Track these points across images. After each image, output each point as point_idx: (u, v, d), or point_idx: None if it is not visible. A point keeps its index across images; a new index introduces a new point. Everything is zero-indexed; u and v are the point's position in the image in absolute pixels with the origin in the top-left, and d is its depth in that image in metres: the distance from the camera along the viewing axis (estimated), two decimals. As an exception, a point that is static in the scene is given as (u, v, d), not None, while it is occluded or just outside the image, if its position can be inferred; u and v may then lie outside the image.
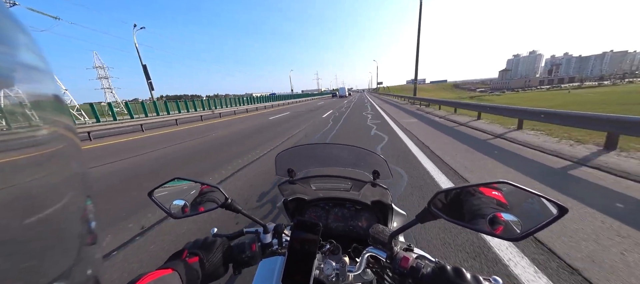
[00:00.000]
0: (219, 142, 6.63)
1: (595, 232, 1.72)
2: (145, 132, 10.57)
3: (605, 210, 1.99)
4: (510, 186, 0.39)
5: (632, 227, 1.74)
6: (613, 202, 2.14)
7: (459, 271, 0.41)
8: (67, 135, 0.35)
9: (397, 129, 6.82)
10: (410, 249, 0.54)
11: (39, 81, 0.31)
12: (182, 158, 5.11)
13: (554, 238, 1.67)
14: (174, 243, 2.00)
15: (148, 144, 7.18)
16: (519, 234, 0.36)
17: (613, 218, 1.87)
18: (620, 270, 1.37)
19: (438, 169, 3.31)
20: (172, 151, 5.90)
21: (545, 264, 1.47)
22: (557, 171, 3.02)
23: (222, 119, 15.52)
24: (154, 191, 0.57)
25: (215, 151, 5.48)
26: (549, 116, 4.69)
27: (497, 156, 3.75)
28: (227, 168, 4.00)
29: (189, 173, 4.00)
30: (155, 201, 0.56)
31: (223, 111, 19.64)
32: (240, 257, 0.57)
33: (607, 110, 6.90)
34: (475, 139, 5.03)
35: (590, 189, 2.45)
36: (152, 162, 4.96)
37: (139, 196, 3.08)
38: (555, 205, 0.35)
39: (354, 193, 0.87)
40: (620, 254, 1.49)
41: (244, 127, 9.94)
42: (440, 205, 0.44)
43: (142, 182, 3.74)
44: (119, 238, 2.12)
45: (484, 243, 1.68)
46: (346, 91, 59.83)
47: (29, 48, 0.29)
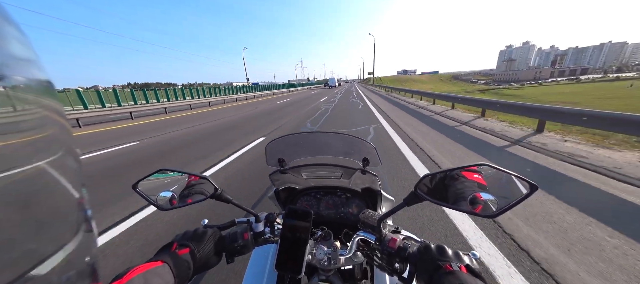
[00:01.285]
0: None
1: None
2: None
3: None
4: (489, 168, 0.43)
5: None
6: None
7: (442, 248, 0.45)
8: (57, 119, 0.34)
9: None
10: (397, 231, 0.57)
11: (25, 66, 0.30)
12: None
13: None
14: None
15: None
16: (495, 212, 0.40)
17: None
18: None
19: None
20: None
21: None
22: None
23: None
24: (139, 183, 0.55)
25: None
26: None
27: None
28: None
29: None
30: (140, 193, 0.54)
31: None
32: (232, 246, 0.56)
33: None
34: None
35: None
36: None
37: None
38: (526, 183, 0.38)
39: (344, 181, 0.90)
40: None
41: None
42: (425, 189, 0.46)
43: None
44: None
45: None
46: (336, 81, 61.35)
47: (16, 38, 0.29)
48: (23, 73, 0.29)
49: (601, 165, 3.09)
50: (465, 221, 2.00)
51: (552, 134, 4.71)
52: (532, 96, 21.99)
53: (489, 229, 1.90)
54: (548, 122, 4.91)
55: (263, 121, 8.82)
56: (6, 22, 0.28)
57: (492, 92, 32.53)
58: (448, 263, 0.42)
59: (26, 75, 0.29)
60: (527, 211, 2.11)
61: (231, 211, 2.21)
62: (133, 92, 14.68)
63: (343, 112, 9.89)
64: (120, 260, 1.82)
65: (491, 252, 1.67)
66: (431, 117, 7.74)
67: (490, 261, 1.58)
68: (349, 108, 11.01)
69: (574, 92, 25.78)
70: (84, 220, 0.35)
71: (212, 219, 2.18)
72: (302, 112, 10.75)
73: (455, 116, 7.61)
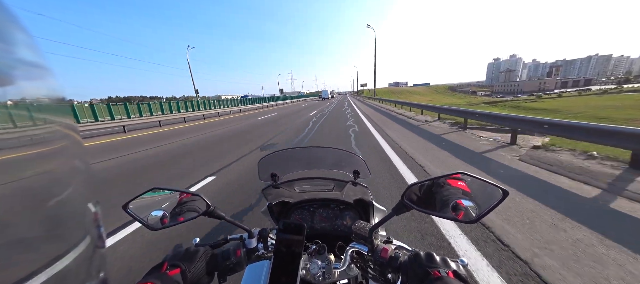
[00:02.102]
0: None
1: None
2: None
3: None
4: (467, 176, 0.46)
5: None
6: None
7: (430, 256, 0.46)
8: (69, 133, 0.35)
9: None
10: (389, 241, 0.60)
11: (39, 80, 0.31)
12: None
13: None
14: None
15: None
16: (474, 217, 0.43)
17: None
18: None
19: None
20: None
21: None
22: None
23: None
24: (130, 203, 0.53)
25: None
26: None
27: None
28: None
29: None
30: (131, 214, 0.52)
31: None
32: (224, 264, 0.55)
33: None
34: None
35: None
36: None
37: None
38: (498, 189, 0.42)
39: (337, 193, 0.92)
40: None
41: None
42: (413, 198, 0.48)
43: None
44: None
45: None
46: (329, 93, 62.71)
47: (30, 47, 0.30)
48: (39, 89, 0.30)
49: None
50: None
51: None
52: (573, 110, 15.46)
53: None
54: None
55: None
56: (22, 33, 0.29)
57: (507, 105, 25.65)
58: (436, 269, 0.43)
59: (41, 89, 0.31)
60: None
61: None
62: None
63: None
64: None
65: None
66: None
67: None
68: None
69: (626, 105, 18.04)
70: (98, 236, 0.36)
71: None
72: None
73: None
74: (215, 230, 2.24)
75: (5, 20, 0.27)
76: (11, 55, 0.27)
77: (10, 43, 0.27)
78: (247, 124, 12.03)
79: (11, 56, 0.27)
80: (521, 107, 25.82)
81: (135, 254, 2.04)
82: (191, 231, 2.22)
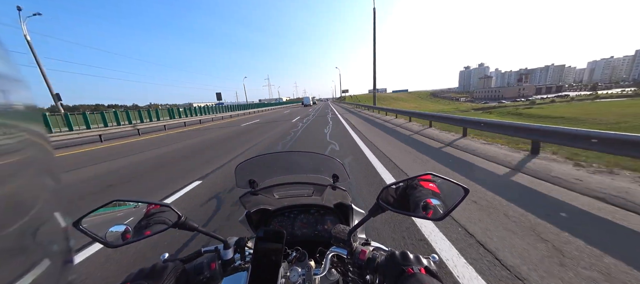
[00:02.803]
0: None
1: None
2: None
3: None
4: (436, 177, 0.48)
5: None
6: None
7: (405, 254, 0.48)
8: (40, 143, 0.34)
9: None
10: (367, 243, 0.61)
11: (10, 89, 0.31)
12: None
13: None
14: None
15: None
16: (441, 215, 0.45)
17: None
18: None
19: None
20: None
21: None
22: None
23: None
24: (82, 219, 0.46)
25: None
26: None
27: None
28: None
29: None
30: (84, 231, 0.44)
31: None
32: (197, 280, 0.53)
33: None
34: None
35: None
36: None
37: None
38: (460, 187, 0.45)
39: (316, 198, 0.92)
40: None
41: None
42: (389, 199, 0.50)
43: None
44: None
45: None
46: (311, 100, 63.39)
47: (1, 57, 0.30)
48: (8, 95, 0.29)
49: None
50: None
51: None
52: (607, 119, 12.70)
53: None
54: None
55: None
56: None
57: (504, 112, 23.01)
58: (410, 266, 0.45)
59: (11, 98, 0.30)
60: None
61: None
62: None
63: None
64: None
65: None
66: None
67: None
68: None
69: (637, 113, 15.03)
70: (67, 251, 0.35)
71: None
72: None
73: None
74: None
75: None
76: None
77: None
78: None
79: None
80: (524, 114, 24.22)
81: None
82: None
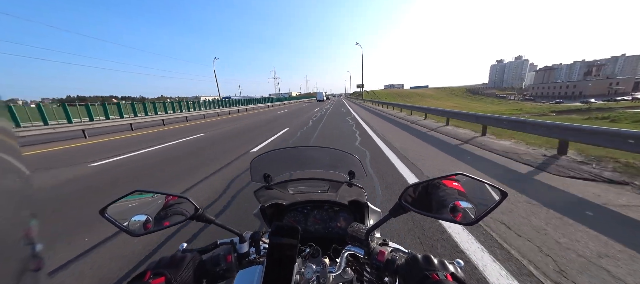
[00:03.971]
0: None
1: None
2: None
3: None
4: (465, 177, 0.46)
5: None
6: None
7: (428, 258, 0.46)
8: (3, 139, 0.31)
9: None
10: (385, 243, 0.60)
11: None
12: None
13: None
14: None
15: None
16: (473, 219, 0.43)
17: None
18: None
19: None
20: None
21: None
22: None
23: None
24: (108, 207, 0.51)
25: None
26: None
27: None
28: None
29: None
30: (109, 219, 0.50)
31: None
32: (214, 271, 0.53)
33: None
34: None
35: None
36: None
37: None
38: (497, 190, 0.42)
39: (331, 194, 0.91)
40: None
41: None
42: (410, 199, 0.48)
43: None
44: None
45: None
46: (324, 95, 62.40)
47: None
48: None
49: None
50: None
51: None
52: None
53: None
54: None
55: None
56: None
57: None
58: (434, 272, 0.43)
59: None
60: None
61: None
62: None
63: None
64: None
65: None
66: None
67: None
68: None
69: None
70: (32, 256, 0.32)
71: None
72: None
73: None
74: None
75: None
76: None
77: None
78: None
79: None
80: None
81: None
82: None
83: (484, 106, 64.29)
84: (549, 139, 4.70)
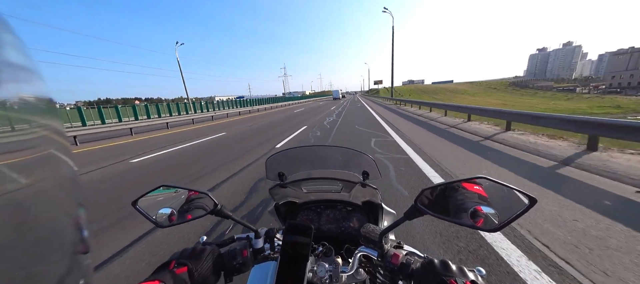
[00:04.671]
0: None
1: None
2: None
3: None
4: (488, 181, 0.43)
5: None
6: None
7: (446, 264, 0.45)
8: (56, 138, 0.35)
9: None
10: (400, 246, 0.58)
11: (26, 82, 0.31)
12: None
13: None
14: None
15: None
16: (497, 225, 0.40)
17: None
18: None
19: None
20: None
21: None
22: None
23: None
24: (139, 200, 0.56)
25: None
26: None
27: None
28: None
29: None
30: (139, 210, 0.55)
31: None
32: (231, 264, 0.56)
33: None
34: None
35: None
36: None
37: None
38: (525, 196, 0.40)
39: (344, 194, 0.91)
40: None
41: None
42: (426, 202, 0.47)
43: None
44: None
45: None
46: (340, 93, 62.99)
47: (16, 47, 0.30)
48: (24, 89, 0.30)
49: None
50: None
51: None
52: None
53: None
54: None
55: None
56: (6, 32, 0.28)
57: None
58: (453, 278, 0.42)
59: (28, 91, 0.30)
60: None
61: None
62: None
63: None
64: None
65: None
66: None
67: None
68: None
69: None
70: (80, 241, 0.35)
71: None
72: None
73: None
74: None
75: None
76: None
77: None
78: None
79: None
80: None
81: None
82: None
83: (553, 104, 45.87)
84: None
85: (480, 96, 71.08)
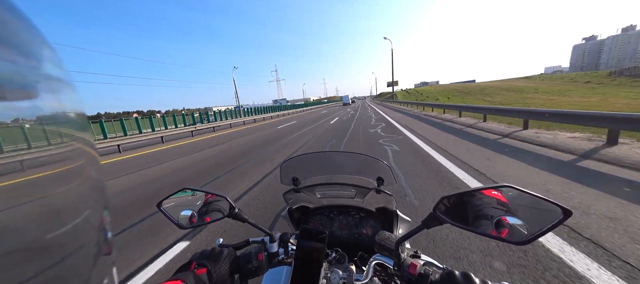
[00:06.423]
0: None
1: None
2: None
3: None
4: (515, 190, 0.41)
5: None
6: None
7: (468, 276, 0.43)
8: (88, 150, 0.37)
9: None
10: (417, 255, 0.56)
11: (62, 95, 0.33)
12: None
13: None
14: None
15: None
16: (525, 238, 0.38)
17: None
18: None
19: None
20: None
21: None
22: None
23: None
24: (163, 201, 0.60)
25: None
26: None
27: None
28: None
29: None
30: (163, 212, 0.59)
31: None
32: (246, 267, 0.57)
33: None
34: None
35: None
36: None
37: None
38: (559, 207, 0.37)
39: (358, 200, 0.92)
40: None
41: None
42: (444, 210, 0.45)
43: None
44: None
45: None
46: (350, 98, 65.91)
47: (53, 61, 0.31)
48: (60, 103, 0.31)
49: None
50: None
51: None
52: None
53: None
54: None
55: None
56: (44, 45, 0.30)
57: None
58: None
59: (63, 106, 0.32)
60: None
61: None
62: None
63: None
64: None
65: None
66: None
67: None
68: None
69: None
70: (105, 242, 0.37)
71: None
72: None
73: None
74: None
75: (31, 36, 0.28)
76: (38, 71, 0.27)
77: (37, 59, 0.28)
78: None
79: (38, 72, 0.27)
80: None
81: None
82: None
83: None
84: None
85: (573, 96, 23.63)
